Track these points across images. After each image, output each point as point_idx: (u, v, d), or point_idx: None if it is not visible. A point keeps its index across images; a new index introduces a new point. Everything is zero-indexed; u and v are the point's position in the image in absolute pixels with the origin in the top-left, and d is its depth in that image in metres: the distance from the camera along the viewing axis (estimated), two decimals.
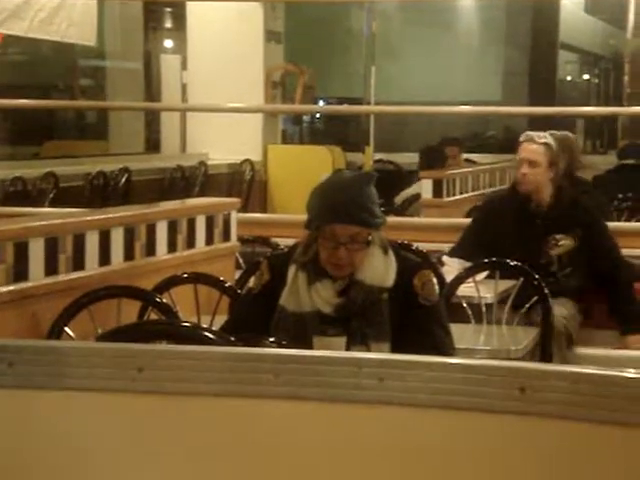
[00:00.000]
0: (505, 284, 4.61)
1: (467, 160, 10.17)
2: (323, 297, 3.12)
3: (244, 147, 9.97)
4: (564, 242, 4.94)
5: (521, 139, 5.04)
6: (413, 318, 3.13)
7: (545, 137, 5.02)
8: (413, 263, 3.24)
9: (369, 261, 3.11)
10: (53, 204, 7.95)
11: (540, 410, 1.51)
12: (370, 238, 3.09)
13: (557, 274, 4.91)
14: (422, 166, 7.83)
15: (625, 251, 5.13)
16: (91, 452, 1.65)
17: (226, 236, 5.05)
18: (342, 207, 3.07)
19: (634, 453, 1.49)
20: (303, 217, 3.21)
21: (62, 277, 3.95)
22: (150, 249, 4.48)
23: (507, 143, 14.29)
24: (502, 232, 4.92)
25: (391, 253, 3.17)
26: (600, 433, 1.49)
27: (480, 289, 4.54)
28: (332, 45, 15.23)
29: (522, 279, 4.47)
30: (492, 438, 1.54)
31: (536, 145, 4.95)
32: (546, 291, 4.41)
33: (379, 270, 3.13)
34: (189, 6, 10.33)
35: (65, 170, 8.93)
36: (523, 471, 1.52)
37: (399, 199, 7.75)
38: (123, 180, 9.17)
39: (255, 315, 3.21)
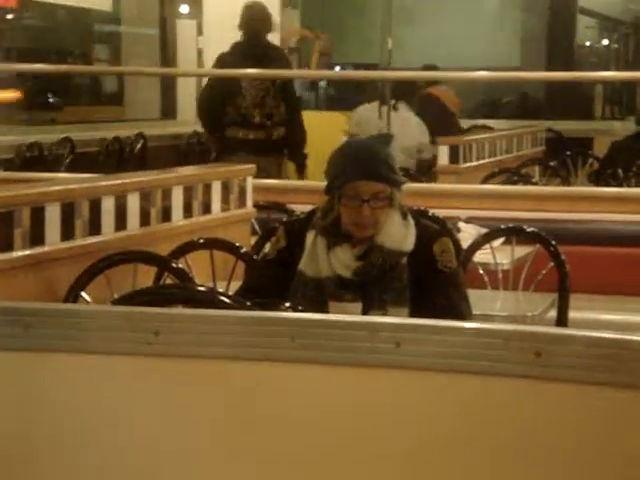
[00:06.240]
0: (522, 250, 4.59)
1: (484, 126, 10.13)
2: (342, 261, 3.12)
3: None
4: None
5: None
6: (431, 284, 3.13)
7: None
8: (433, 230, 3.24)
9: (389, 225, 3.12)
10: (69, 169, 7.96)
11: (556, 374, 1.50)
12: (393, 197, 3.09)
13: None
14: None
15: None
16: (106, 415, 1.65)
17: (242, 202, 5.04)
18: (365, 164, 3.07)
19: None
20: (319, 183, 3.21)
21: (78, 242, 3.96)
22: (166, 214, 4.48)
23: (523, 110, 14.21)
24: None
25: (410, 218, 3.17)
26: (616, 397, 1.49)
27: (497, 255, 4.53)
28: (348, 10, 15.14)
29: (538, 245, 4.46)
30: (508, 402, 1.53)
31: None
32: (562, 257, 4.38)
33: (399, 234, 3.13)
34: None
35: (81, 136, 8.93)
36: (539, 435, 1.51)
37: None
38: (139, 146, 9.16)
39: (270, 280, 3.20)
